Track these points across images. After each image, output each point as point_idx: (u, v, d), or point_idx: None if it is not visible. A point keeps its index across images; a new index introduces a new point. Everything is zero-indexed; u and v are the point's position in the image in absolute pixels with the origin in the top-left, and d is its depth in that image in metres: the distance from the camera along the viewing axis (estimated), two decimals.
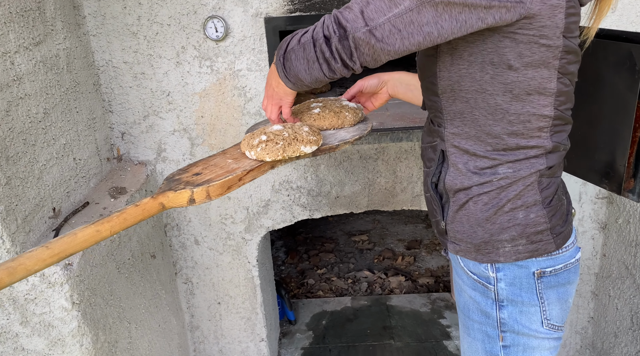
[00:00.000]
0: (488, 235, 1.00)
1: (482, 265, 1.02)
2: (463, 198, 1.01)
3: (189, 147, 1.83)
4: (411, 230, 3.50)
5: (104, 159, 1.75)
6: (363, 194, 1.90)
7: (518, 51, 0.89)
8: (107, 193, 1.65)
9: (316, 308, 2.65)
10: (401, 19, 0.85)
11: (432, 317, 2.52)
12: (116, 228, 0.93)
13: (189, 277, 2.01)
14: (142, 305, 1.69)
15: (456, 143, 1.00)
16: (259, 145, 1.07)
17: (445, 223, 1.06)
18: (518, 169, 0.97)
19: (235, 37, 1.68)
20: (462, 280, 1.08)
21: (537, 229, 0.99)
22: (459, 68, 0.94)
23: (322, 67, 0.93)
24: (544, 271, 1.00)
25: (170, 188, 1.00)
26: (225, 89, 1.75)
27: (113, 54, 1.72)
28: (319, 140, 1.11)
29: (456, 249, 1.06)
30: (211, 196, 0.99)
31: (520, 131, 0.95)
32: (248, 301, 2.04)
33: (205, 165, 1.09)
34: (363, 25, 0.87)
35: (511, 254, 1.00)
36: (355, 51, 0.90)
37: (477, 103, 0.95)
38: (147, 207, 0.97)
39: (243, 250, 1.96)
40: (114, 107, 1.78)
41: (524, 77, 0.91)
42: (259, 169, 1.07)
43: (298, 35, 0.96)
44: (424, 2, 0.84)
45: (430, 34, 0.86)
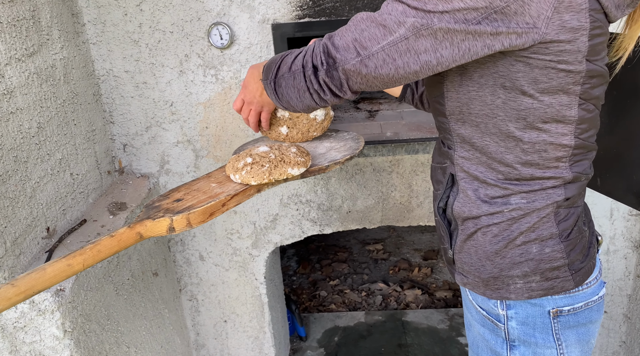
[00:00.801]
0: (497, 270, 0.90)
1: (492, 301, 0.93)
2: (472, 227, 0.91)
3: (194, 159, 1.75)
4: (428, 239, 3.38)
5: (104, 172, 1.68)
6: (376, 209, 1.79)
7: (532, 77, 0.78)
8: (107, 209, 1.57)
9: (328, 323, 2.55)
10: (396, 47, 0.77)
11: (450, 335, 2.41)
12: (89, 261, 0.85)
13: (194, 294, 1.93)
14: (143, 327, 1.61)
15: (466, 168, 0.90)
16: (244, 168, 1.00)
17: (453, 252, 0.97)
18: (532, 200, 0.87)
19: (241, 45, 1.59)
20: (471, 314, 0.98)
21: (553, 265, 0.88)
22: (469, 89, 0.84)
23: (313, 97, 0.88)
24: (560, 310, 0.89)
25: (148, 216, 0.92)
26: (230, 99, 1.66)
27: (114, 63, 1.64)
28: (307, 161, 1.03)
29: (464, 281, 0.96)
30: (192, 224, 0.92)
31: (535, 161, 0.85)
32: (255, 320, 1.95)
33: (188, 190, 1.02)
34: (354, 56, 0.80)
35: (523, 291, 0.90)
36: (346, 82, 0.83)
37: (487, 128, 0.85)
38: (123, 237, 0.89)
39: (250, 266, 1.87)
40: (115, 118, 1.70)
41: (539, 104, 0.80)
42: (244, 194, 0.99)
43: (290, 58, 0.90)
44: (420, 29, 0.75)
45: (429, 63, 0.78)
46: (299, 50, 0.90)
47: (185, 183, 1.07)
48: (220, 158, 1.74)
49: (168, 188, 1.78)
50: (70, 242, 1.39)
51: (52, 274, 0.83)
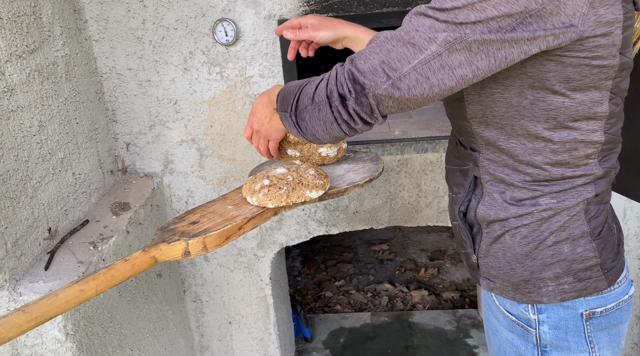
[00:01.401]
0: (528, 273, 0.87)
1: (522, 306, 0.89)
2: (498, 229, 0.88)
3: (198, 159, 1.72)
4: (434, 239, 3.35)
5: (107, 172, 1.65)
6: (384, 209, 1.76)
7: (565, 75, 0.75)
8: (109, 210, 1.54)
9: (334, 324, 2.52)
10: (429, 65, 0.73)
11: (458, 336, 2.37)
12: (102, 286, 0.83)
13: (198, 295, 1.90)
14: (147, 329, 1.58)
15: (492, 170, 0.86)
16: (260, 190, 0.98)
17: (477, 256, 0.93)
18: (563, 199, 0.83)
19: (246, 42, 1.56)
20: (498, 320, 0.94)
21: (586, 265, 0.85)
22: (492, 92, 0.80)
23: (342, 128, 0.82)
24: (593, 311, 0.86)
25: (163, 240, 0.90)
26: (236, 97, 1.63)
27: (117, 60, 1.61)
28: (325, 184, 1.01)
29: (490, 286, 0.92)
30: (208, 247, 0.90)
31: (565, 161, 0.81)
32: (261, 321, 1.92)
33: (204, 212, 1.00)
34: (384, 80, 0.75)
35: (555, 293, 0.86)
36: (377, 107, 0.78)
37: (514, 130, 0.81)
38: (137, 262, 0.87)
39: (255, 267, 1.84)
40: (118, 117, 1.68)
41: (571, 103, 0.77)
42: (260, 217, 0.97)
43: (310, 88, 0.83)
44: (453, 44, 0.71)
45: (464, 77, 0.74)
46: (318, 79, 0.84)
47: (201, 205, 1.05)
48: (225, 158, 1.71)
49: (172, 188, 1.76)
50: (72, 243, 1.36)
51: (64, 301, 0.81)
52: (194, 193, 1.76)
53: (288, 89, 0.88)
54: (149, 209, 1.63)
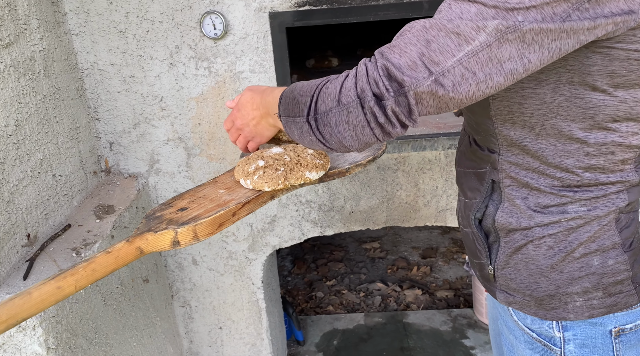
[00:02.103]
0: (554, 287, 0.80)
1: (545, 322, 0.83)
2: (520, 239, 0.81)
3: (185, 158, 1.64)
4: (426, 237, 3.30)
5: (90, 173, 1.56)
6: (381, 209, 1.70)
7: (610, 70, 0.68)
8: (93, 213, 1.46)
9: (326, 326, 2.46)
10: (476, 58, 0.64)
11: (454, 337, 2.33)
12: (82, 281, 0.75)
13: (187, 300, 1.83)
14: (134, 337, 1.51)
15: (514, 174, 0.80)
16: (255, 172, 0.90)
17: (494, 268, 0.86)
18: (594, 207, 0.77)
19: (236, 35, 1.49)
20: (515, 336, 0.88)
21: (617, 279, 0.79)
22: (523, 86, 0.73)
23: (375, 132, 0.70)
24: (622, 328, 0.80)
25: (149, 229, 0.82)
26: (225, 94, 1.56)
27: (99, 56, 1.52)
28: (326, 163, 0.93)
29: (508, 300, 0.86)
30: (199, 236, 0.82)
31: (600, 165, 0.75)
32: (252, 326, 1.86)
33: (193, 197, 0.91)
34: (427, 76, 0.65)
35: (583, 310, 0.80)
36: (416, 106, 0.67)
37: (544, 130, 0.74)
38: (121, 253, 0.79)
39: (246, 271, 1.77)
40: (101, 115, 1.59)
41: (612, 101, 0.70)
42: (256, 201, 0.89)
43: (333, 88, 0.71)
44: (505, 33, 0.62)
45: (514, 71, 0.65)
46: (341, 77, 0.72)
47: (190, 189, 0.96)
48: (214, 157, 1.63)
49: (158, 189, 1.68)
50: (53, 249, 1.28)
51: (39, 300, 0.73)
52: None
53: (298, 91, 0.77)
54: (135, 211, 1.55)
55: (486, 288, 0.91)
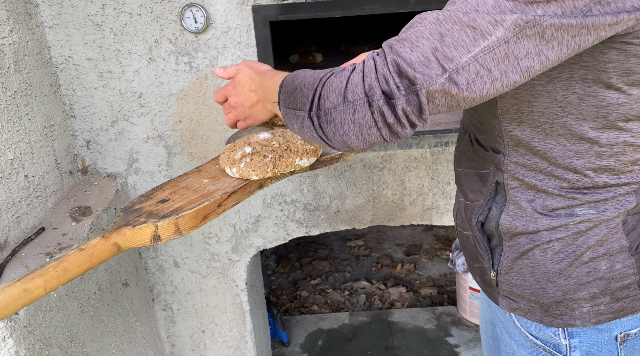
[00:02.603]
0: (561, 293, 0.78)
1: (551, 329, 0.80)
2: (526, 243, 0.78)
3: (166, 157, 1.58)
4: (409, 234, 3.29)
5: (65, 173, 1.50)
6: (367, 208, 1.67)
7: (626, 67, 0.65)
8: (68, 215, 1.39)
9: (311, 326, 2.42)
10: (492, 54, 0.60)
11: (439, 335, 2.31)
12: (53, 283, 0.69)
13: (169, 303, 1.77)
14: (113, 344, 1.45)
15: (520, 176, 0.76)
16: (242, 159, 0.85)
17: (497, 273, 0.83)
18: (603, 209, 0.74)
19: (217, 29, 1.43)
20: (517, 343, 0.85)
21: (624, 283, 0.77)
22: (533, 84, 0.69)
23: (382, 132, 0.65)
24: (628, 333, 0.78)
25: (127, 223, 0.77)
26: (207, 90, 1.50)
27: (74, 50, 1.45)
28: (317, 149, 0.88)
29: (512, 306, 0.83)
30: (182, 230, 0.76)
31: (610, 166, 0.72)
32: (236, 329, 1.81)
33: (175, 188, 0.85)
34: (440, 73, 0.60)
35: (590, 316, 0.78)
36: (427, 105, 0.62)
37: (554, 130, 0.71)
38: (96, 251, 0.73)
39: (230, 273, 1.73)
40: (77, 112, 1.52)
41: (626, 99, 0.67)
42: (243, 190, 0.84)
43: (338, 81, 0.66)
44: (524, 28, 0.59)
45: (531, 69, 0.61)
46: (346, 71, 0.66)
47: (171, 179, 0.90)
48: (196, 155, 1.58)
49: (138, 189, 1.61)
50: (25, 255, 1.22)
51: (3, 304, 0.68)
52: None
53: (300, 81, 0.71)
54: (113, 213, 1.49)
55: (487, 293, 0.88)
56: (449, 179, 1.64)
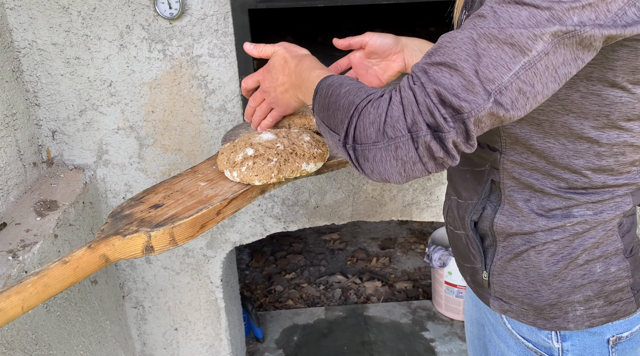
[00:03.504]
0: (556, 296, 0.76)
1: (543, 332, 0.78)
2: (520, 244, 0.76)
3: (137, 149, 1.51)
4: (384, 227, 3.28)
5: (29, 164, 1.41)
6: (347, 204, 1.63)
7: (634, 66, 0.63)
8: (33, 209, 1.32)
9: (286, 321, 2.39)
10: (534, 69, 0.56)
11: (414, 329, 2.31)
12: (31, 301, 0.63)
13: (140, 301, 1.70)
14: (81, 345, 1.38)
15: (517, 175, 0.74)
16: (244, 162, 0.78)
17: (489, 273, 0.80)
18: (600, 211, 0.72)
19: (193, 16, 1.37)
20: (507, 345, 0.83)
21: (618, 286, 0.75)
22: None
23: (428, 167, 0.60)
24: (620, 336, 0.77)
25: (116, 232, 0.70)
26: (181, 79, 1.44)
27: (38, 34, 1.37)
28: (324, 153, 0.83)
29: (504, 308, 0.81)
30: (177, 240, 0.70)
31: (610, 167, 0.70)
32: (211, 326, 1.76)
33: (168, 191, 0.78)
34: (485, 97, 0.56)
35: (584, 319, 0.76)
36: (474, 131, 0.58)
37: (553, 128, 0.69)
38: (81, 263, 0.67)
39: (204, 269, 1.67)
40: (42, 100, 1.43)
41: (630, 98, 0.65)
42: (244, 197, 0.77)
43: (376, 116, 0.59)
44: (563, 39, 0.56)
45: (568, 74, 0.58)
46: (383, 101, 0.60)
47: (164, 180, 0.83)
48: (169, 148, 1.51)
49: (107, 181, 1.54)
50: None
51: None
52: (133, 188, 1.55)
53: (333, 97, 0.65)
54: (81, 207, 1.42)
55: (477, 293, 0.86)
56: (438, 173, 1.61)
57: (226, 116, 1.48)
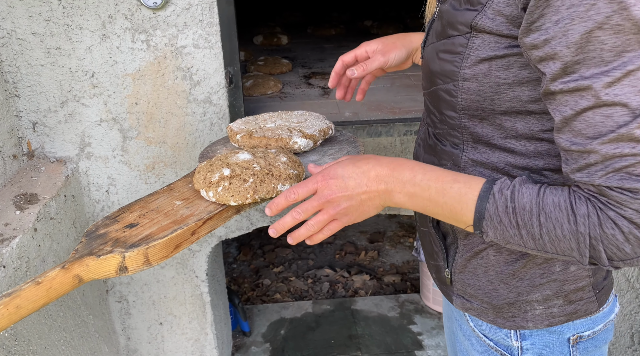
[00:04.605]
0: (514, 295, 0.76)
1: (503, 331, 0.78)
2: (480, 243, 0.75)
3: (120, 141, 1.49)
4: (373, 221, 3.28)
5: (9, 157, 1.38)
6: None
7: None
8: (12, 203, 1.29)
9: (273, 315, 2.38)
10: None
11: (402, 323, 2.31)
12: (3, 322, 0.62)
13: (124, 295, 1.68)
14: (62, 340, 1.36)
15: (477, 174, 0.73)
16: (220, 183, 0.78)
17: (451, 271, 0.80)
18: None
19: (177, 5, 1.34)
20: (471, 343, 0.83)
21: (578, 286, 0.75)
22: (498, 82, 0.66)
23: None
24: (581, 335, 0.77)
25: (90, 252, 0.69)
26: (165, 70, 1.41)
27: (17, 23, 1.33)
28: (300, 174, 0.83)
29: (465, 306, 0.81)
30: (151, 261, 0.70)
31: None
32: (196, 321, 1.74)
33: (144, 210, 0.78)
34: None
35: (543, 318, 0.76)
36: None
37: (514, 129, 0.69)
38: (54, 284, 0.66)
39: (190, 263, 1.65)
40: (22, 91, 1.40)
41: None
42: (219, 217, 0.77)
43: (621, 239, 0.57)
44: None
45: None
46: (609, 221, 0.57)
47: (140, 198, 0.82)
48: (153, 140, 1.49)
49: (90, 174, 1.51)
50: None
51: None
52: (116, 181, 1.53)
53: (526, 223, 0.61)
54: (62, 200, 1.39)
55: (442, 291, 0.86)
56: None
57: (211, 108, 1.46)
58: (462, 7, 0.66)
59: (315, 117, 1.07)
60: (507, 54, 0.63)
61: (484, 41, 0.63)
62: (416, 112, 1.58)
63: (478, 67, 0.65)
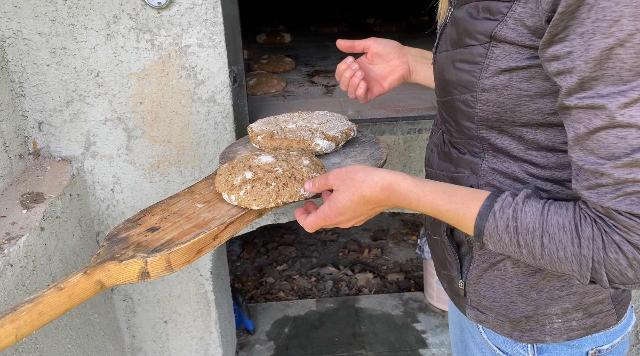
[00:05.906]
0: (532, 308, 0.74)
1: (519, 344, 0.77)
2: (496, 254, 0.74)
3: (125, 140, 1.49)
4: (376, 218, 3.28)
5: (15, 156, 1.39)
6: None
7: None
8: (18, 202, 1.30)
9: (277, 313, 2.39)
10: None
11: (406, 321, 2.32)
12: (26, 329, 0.61)
13: (129, 293, 1.69)
14: (68, 338, 1.37)
15: (497, 183, 0.71)
16: (242, 186, 0.77)
17: (465, 282, 0.79)
18: None
19: (182, 5, 1.34)
20: (483, 354, 0.82)
21: (598, 298, 0.74)
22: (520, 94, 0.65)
23: None
24: (599, 349, 0.76)
25: (112, 257, 0.69)
26: (170, 70, 1.42)
27: (23, 23, 1.34)
28: None
29: (480, 318, 0.79)
30: (173, 266, 0.69)
31: None
32: (200, 319, 1.75)
33: (165, 212, 0.77)
34: None
35: (561, 332, 0.75)
36: None
37: (536, 141, 0.68)
38: (77, 290, 0.65)
39: (194, 262, 1.66)
40: (27, 91, 1.41)
41: None
42: (241, 220, 0.76)
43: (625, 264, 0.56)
44: None
45: None
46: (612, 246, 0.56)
47: (162, 201, 0.81)
48: (158, 139, 1.49)
49: (95, 173, 1.52)
50: None
51: None
52: (121, 180, 1.54)
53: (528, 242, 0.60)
54: (68, 199, 1.40)
55: (454, 301, 0.85)
56: (421, 167, 1.61)
57: (215, 107, 1.46)
58: (481, 16, 0.64)
59: (337, 118, 1.06)
60: (529, 66, 0.61)
61: (504, 51, 0.62)
62: (419, 111, 1.58)
63: (498, 78, 0.64)
